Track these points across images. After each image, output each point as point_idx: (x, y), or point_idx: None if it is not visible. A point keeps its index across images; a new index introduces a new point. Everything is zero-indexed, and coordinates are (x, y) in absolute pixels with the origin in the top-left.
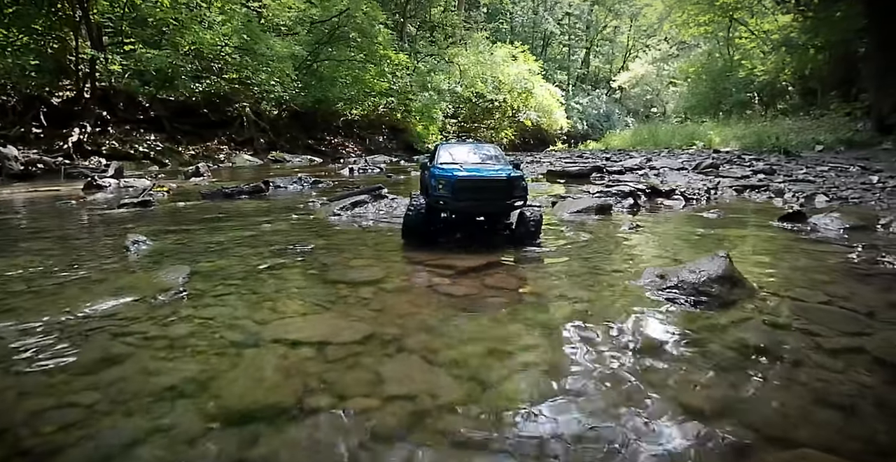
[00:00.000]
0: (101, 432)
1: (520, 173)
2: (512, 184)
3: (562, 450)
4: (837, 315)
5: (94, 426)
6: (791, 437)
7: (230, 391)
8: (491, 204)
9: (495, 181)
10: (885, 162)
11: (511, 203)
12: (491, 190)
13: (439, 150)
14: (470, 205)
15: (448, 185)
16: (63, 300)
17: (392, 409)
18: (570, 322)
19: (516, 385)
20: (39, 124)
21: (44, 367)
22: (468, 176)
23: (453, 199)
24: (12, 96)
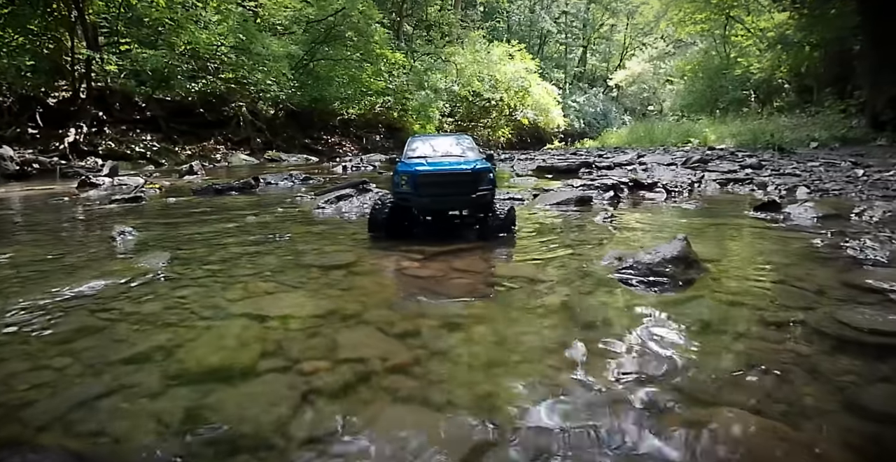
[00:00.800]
0: (70, 389)
1: (487, 165)
2: (478, 176)
3: (494, 405)
4: (788, 293)
5: (64, 385)
6: (715, 399)
7: (192, 356)
8: (455, 198)
9: (459, 174)
10: (877, 158)
11: (478, 196)
12: (455, 184)
13: (408, 144)
14: (433, 200)
15: (411, 180)
16: (48, 283)
17: (342, 369)
18: (526, 299)
19: (462, 352)
20: (35, 125)
21: (23, 338)
22: (430, 170)
23: (416, 195)
24: (8, 97)
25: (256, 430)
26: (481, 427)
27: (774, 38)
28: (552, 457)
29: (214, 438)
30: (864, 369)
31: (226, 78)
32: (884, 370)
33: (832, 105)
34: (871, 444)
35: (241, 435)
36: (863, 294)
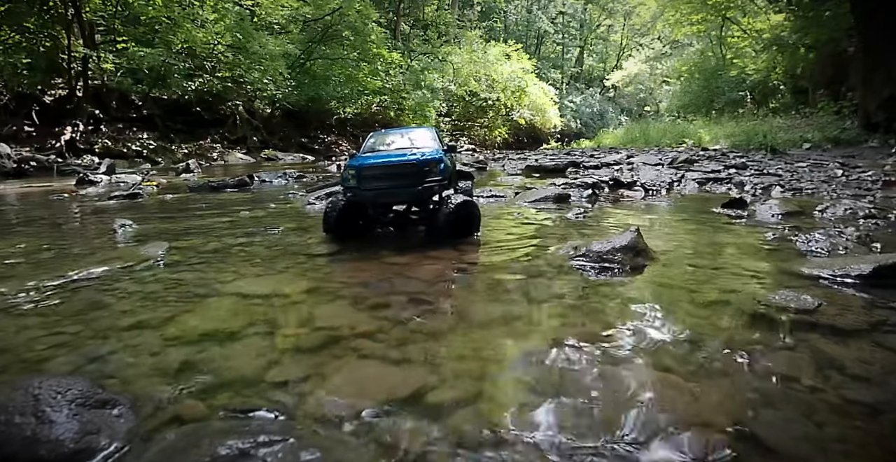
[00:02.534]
0: (84, 348)
1: (435, 156)
2: (425, 167)
3: (448, 365)
4: (724, 278)
5: (77, 345)
6: (631, 359)
7: (187, 325)
8: (400, 191)
9: (403, 166)
10: (868, 159)
11: (424, 189)
12: (399, 176)
13: (367, 138)
14: (378, 193)
15: (356, 174)
16: (56, 268)
17: (316, 334)
18: (487, 280)
19: (424, 321)
20: (32, 122)
21: (40, 310)
22: (374, 162)
23: (360, 189)
24: (4, 95)
25: (240, 376)
26: (429, 376)
27: (770, 40)
28: (484, 397)
29: (204, 381)
30: (770, 340)
31: (222, 77)
32: (786, 341)
33: (826, 106)
34: (758, 397)
35: (226, 379)
36: (792, 279)
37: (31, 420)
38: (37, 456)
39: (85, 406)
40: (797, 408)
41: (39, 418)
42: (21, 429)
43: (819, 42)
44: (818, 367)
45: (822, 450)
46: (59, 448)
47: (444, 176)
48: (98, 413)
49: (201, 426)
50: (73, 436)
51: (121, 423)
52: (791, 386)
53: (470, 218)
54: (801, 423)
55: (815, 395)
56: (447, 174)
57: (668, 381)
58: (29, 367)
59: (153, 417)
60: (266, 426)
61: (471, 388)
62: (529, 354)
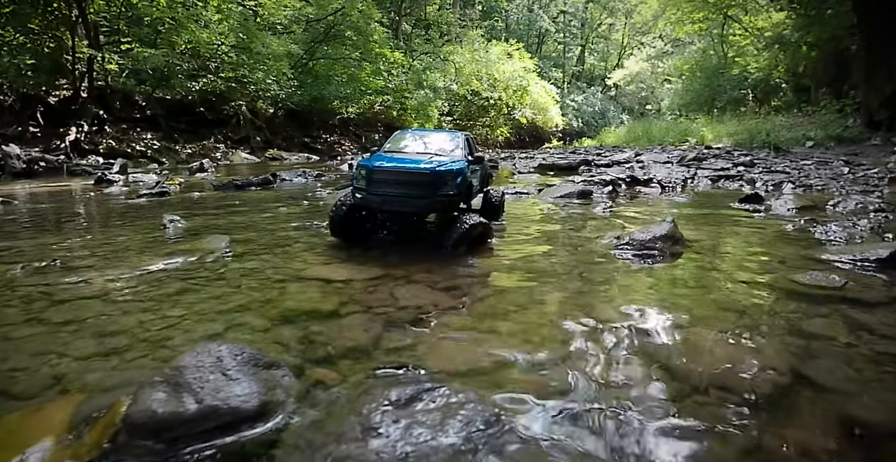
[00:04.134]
0: (195, 330)
1: (454, 167)
2: (439, 178)
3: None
4: (756, 262)
5: (188, 327)
6: (694, 324)
7: (283, 306)
8: (410, 200)
9: (415, 174)
10: (871, 157)
11: (437, 202)
12: (410, 184)
13: (393, 136)
14: (385, 200)
15: (366, 175)
16: (128, 260)
17: (403, 312)
18: (542, 266)
19: (493, 300)
20: (37, 123)
21: (136, 298)
22: (387, 166)
23: (369, 193)
24: (9, 95)
25: (355, 345)
26: (514, 342)
27: (772, 38)
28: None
29: (326, 351)
30: (807, 310)
31: (226, 77)
32: (821, 311)
33: (828, 105)
34: (803, 350)
35: (344, 348)
36: (816, 263)
37: (221, 377)
38: (232, 407)
39: (258, 367)
40: (837, 358)
41: (227, 376)
42: (216, 384)
43: (821, 40)
44: (850, 329)
45: (863, 386)
46: (251, 400)
47: (460, 190)
48: (269, 373)
49: (360, 381)
50: (259, 390)
51: (288, 382)
52: (830, 343)
53: (482, 234)
54: (842, 369)
55: (851, 350)
56: (462, 189)
57: (728, 341)
58: (154, 346)
59: (305, 379)
60: (416, 378)
61: (559, 350)
62: (606, 322)
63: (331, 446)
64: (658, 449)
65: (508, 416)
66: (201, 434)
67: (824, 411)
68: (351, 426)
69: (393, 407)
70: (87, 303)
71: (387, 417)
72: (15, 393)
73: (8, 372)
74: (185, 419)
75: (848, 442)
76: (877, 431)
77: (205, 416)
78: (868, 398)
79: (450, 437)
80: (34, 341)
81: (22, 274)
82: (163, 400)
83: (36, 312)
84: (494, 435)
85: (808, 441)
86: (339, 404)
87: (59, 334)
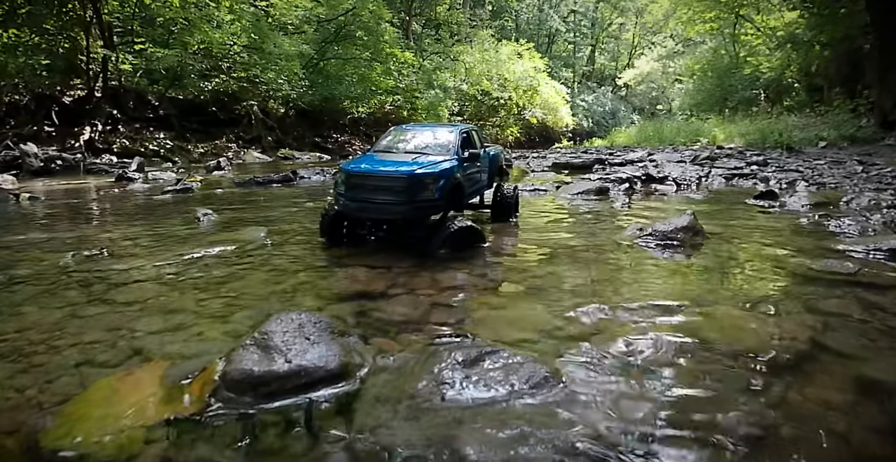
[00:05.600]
0: (253, 308)
1: (433, 171)
2: (418, 183)
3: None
4: (774, 252)
5: (245, 305)
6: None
7: (333, 287)
8: (386, 207)
9: (393, 179)
10: (885, 157)
11: (417, 207)
12: (386, 190)
13: (386, 133)
14: (360, 206)
15: (344, 179)
16: (172, 249)
17: (446, 293)
18: (575, 254)
19: (526, 282)
20: (52, 123)
21: (190, 282)
22: (363, 170)
23: (346, 198)
24: (25, 95)
25: (408, 320)
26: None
27: (784, 37)
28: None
29: (381, 325)
30: (822, 292)
31: (238, 77)
32: (836, 293)
33: (841, 104)
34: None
35: (398, 322)
36: (831, 253)
37: (305, 341)
38: (318, 366)
39: (334, 333)
40: (853, 331)
41: (309, 340)
42: (301, 347)
43: (834, 39)
44: (864, 307)
45: (877, 353)
46: (333, 361)
47: (443, 194)
48: (344, 340)
49: (421, 349)
50: (339, 353)
51: (360, 348)
52: (845, 319)
53: (471, 238)
54: (858, 339)
55: (865, 324)
56: (447, 192)
57: (750, 316)
58: (216, 321)
59: (371, 347)
60: (476, 344)
61: (593, 324)
62: (635, 301)
63: (409, 398)
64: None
65: (563, 373)
66: (292, 390)
67: (841, 372)
68: (425, 381)
69: (461, 366)
70: (144, 285)
71: (456, 374)
72: (100, 361)
73: (88, 344)
74: (279, 376)
75: (862, 396)
76: (887, 388)
77: (295, 374)
78: (881, 362)
79: (515, 387)
80: (103, 319)
81: (74, 261)
82: (257, 360)
83: (97, 294)
84: (555, 386)
85: (827, 396)
86: (409, 365)
87: (126, 313)
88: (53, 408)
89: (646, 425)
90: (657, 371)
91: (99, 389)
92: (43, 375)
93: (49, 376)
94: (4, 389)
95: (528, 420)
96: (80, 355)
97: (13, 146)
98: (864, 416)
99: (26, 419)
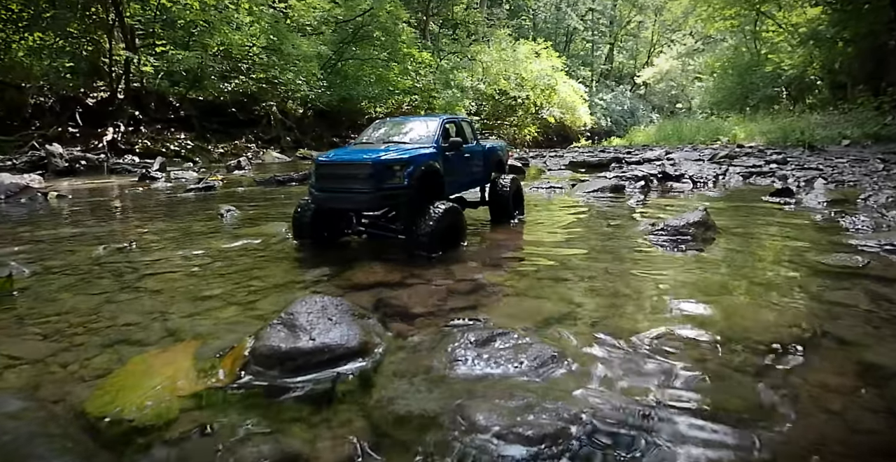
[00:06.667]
0: (277, 294)
1: (401, 157)
2: (384, 169)
3: (578, 298)
4: (786, 246)
5: (276, 291)
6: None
7: (352, 277)
8: (352, 195)
9: (357, 166)
10: None
11: (382, 196)
12: (351, 178)
13: (367, 127)
14: (329, 196)
15: (314, 170)
16: (198, 242)
17: (461, 283)
18: (580, 248)
19: (538, 273)
20: (76, 124)
21: (217, 272)
22: (331, 159)
23: (315, 189)
24: (50, 97)
25: (425, 307)
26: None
27: (806, 34)
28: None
29: (399, 310)
30: (830, 284)
31: (257, 78)
32: (844, 284)
33: (865, 102)
34: (827, 314)
35: (416, 309)
36: (842, 247)
37: (327, 321)
38: (340, 344)
39: (354, 316)
40: (859, 319)
41: (331, 320)
42: (324, 326)
43: (858, 36)
44: (871, 299)
45: (879, 340)
46: (354, 339)
47: (412, 182)
48: (364, 321)
49: (437, 331)
50: (359, 333)
51: (379, 329)
52: (852, 308)
53: (454, 230)
54: (863, 327)
55: (870, 314)
56: (416, 179)
57: (757, 306)
58: (244, 307)
59: (388, 329)
60: (488, 327)
61: (602, 312)
62: (644, 291)
63: (424, 373)
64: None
65: (570, 354)
66: (316, 365)
67: (843, 358)
68: (439, 358)
69: (473, 345)
70: (173, 275)
71: (469, 352)
72: (135, 341)
73: (123, 326)
74: (304, 352)
75: (862, 380)
76: (888, 373)
77: (319, 350)
78: (883, 348)
79: (524, 364)
80: (136, 304)
81: (105, 253)
82: (283, 337)
83: (129, 283)
84: (560, 364)
85: (828, 380)
86: (424, 345)
87: (157, 299)
88: (94, 381)
89: (648, 399)
90: (662, 353)
91: (136, 364)
92: (83, 353)
93: (88, 354)
94: (48, 365)
95: (534, 392)
96: (116, 335)
97: (39, 147)
98: (861, 397)
99: (71, 390)
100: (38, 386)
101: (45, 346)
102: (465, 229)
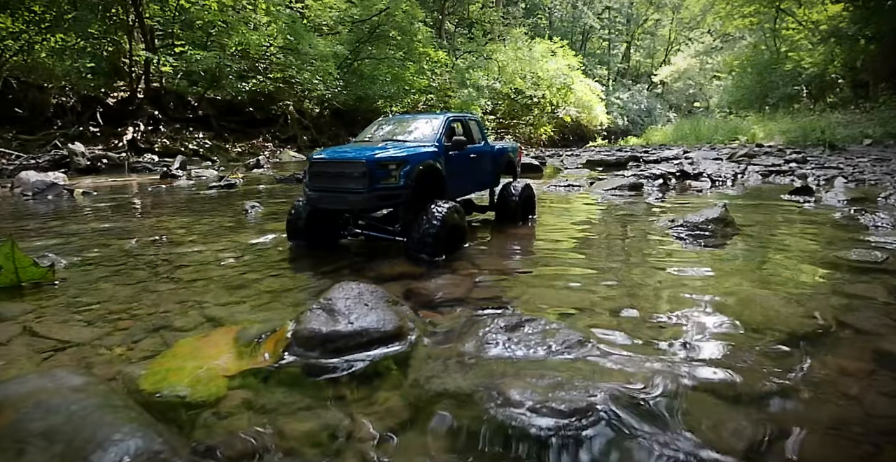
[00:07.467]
0: (307, 284)
1: (403, 154)
2: (378, 168)
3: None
4: (805, 242)
5: (299, 284)
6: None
7: (379, 269)
8: (345, 195)
9: (350, 164)
10: None
11: (376, 196)
12: (345, 177)
13: (368, 125)
14: (321, 196)
15: (308, 168)
16: (226, 236)
17: (486, 274)
18: (602, 243)
19: (562, 265)
20: (96, 123)
21: (247, 264)
22: (325, 157)
23: (308, 188)
24: (71, 97)
25: (453, 296)
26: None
27: (827, 31)
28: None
29: (427, 299)
30: (849, 278)
31: (274, 77)
32: (863, 279)
33: (888, 100)
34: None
35: (444, 298)
36: (861, 244)
37: (364, 307)
38: (376, 328)
39: (388, 302)
40: (875, 311)
41: (367, 306)
42: (361, 311)
43: (880, 33)
44: (889, 292)
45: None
46: (389, 324)
47: (407, 182)
48: (398, 308)
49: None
50: (394, 318)
51: (411, 315)
52: (869, 301)
53: (458, 232)
54: (878, 318)
55: (887, 306)
56: (412, 178)
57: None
58: (276, 295)
59: (421, 316)
60: (516, 314)
61: (625, 302)
62: (664, 282)
63: (457, 355)
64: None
65: (596, 338)
66: (354, 347)
67: (861, 346)
68: (471, 342)
69: (503, 330)
70: (206, 266)
71: (499, 336)
72: (176, 327)
73: (163, 313)
74: (343, 335)
75: (878, 366)
76: None
77: (358, 334)
78: None
79: (552, 347)
80: (173, 293)
81: (138, 246)
82: (323, 321)
83: (164, 273)
84: (588, 347)
85: (845, 365)
86: (456, 330)
87: (193, 288)
88: (142, 362)
89: (672, 379)
90: (685, 338)
91: (183, 346)
92: (129, 337)
93: (134, 338)
94: (96, 347)
95: (563, 372)
96: (157, 321)
97: (61, 146)
98: (877, 382)
99: (121, 369)
100: (90, 366)
101: (89, 332)
102: (467, 230)
